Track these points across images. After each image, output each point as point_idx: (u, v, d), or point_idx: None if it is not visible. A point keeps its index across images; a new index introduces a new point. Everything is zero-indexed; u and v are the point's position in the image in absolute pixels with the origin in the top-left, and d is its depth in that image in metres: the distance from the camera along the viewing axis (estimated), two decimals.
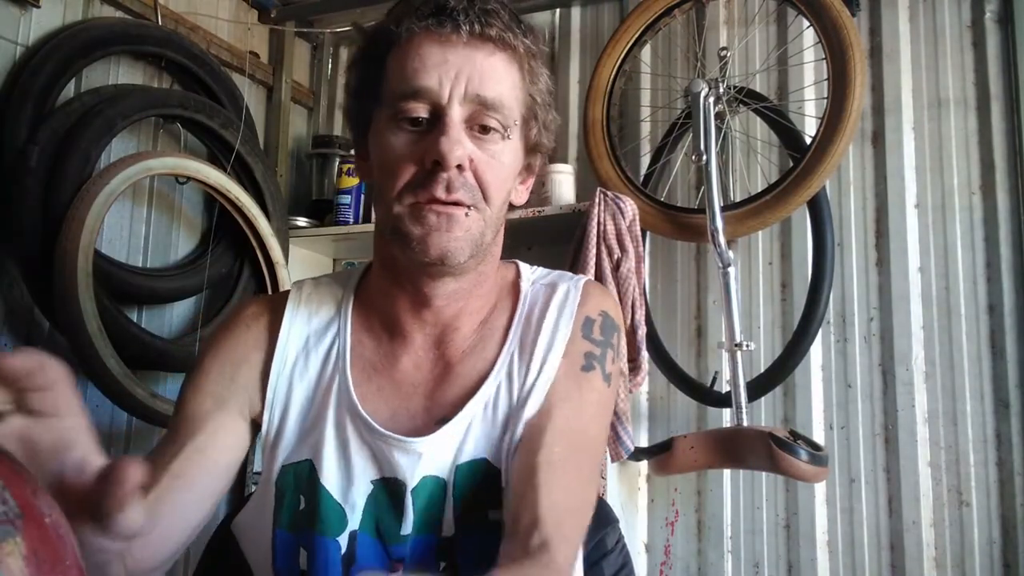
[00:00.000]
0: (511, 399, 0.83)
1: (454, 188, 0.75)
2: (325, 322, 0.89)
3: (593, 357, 0.85)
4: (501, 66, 0.78)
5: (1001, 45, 1.77)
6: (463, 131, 0.76)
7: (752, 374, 1.80)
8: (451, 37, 0.76)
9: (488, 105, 0.76)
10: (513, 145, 0.81)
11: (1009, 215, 1.72)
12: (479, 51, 0.76)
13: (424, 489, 0.80)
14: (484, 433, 0.82)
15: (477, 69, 0.76)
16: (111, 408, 1.68)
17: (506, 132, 0.79)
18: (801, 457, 1.51)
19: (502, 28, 0.77)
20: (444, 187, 0.75)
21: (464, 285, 0.84)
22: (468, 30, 0.75)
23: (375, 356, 0.87)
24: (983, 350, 1.71)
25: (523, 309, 0.89)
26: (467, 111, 0.76)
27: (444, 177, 0.75)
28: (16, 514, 0.37)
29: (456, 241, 0.76)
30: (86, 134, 1.58)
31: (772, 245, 1.93)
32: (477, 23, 0.75)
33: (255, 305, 0.92)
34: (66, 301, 1.49)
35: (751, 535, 1.84)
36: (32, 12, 1.60)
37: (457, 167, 0.75)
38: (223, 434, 0.83)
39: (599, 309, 0.89)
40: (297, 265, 2.13)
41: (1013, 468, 1.65)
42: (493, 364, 0.85)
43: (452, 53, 0.76)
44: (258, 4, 2.26)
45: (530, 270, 0.94)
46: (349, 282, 0.93)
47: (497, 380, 0.84)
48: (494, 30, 0.76)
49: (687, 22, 2.03)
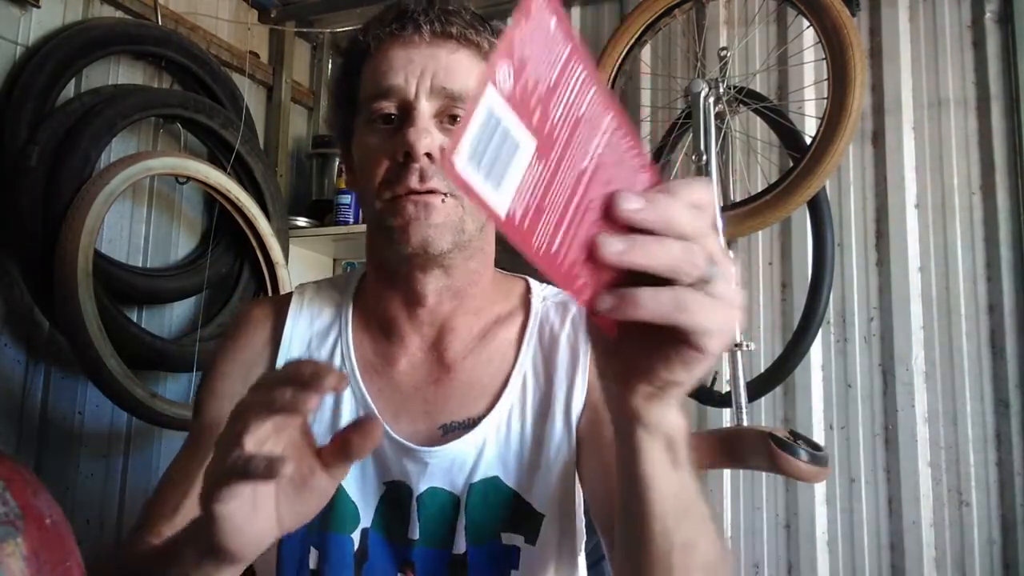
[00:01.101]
0: (527, 421, 0.84)
1: (427, 177, 0.77)
2: (327, 325, 0.91)
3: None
4: (466, 61, 0.79)
5: (1001, 45, 1.77)
6: (432, 123, 0.78)
7: (752, 374, 1.80)
8: (414, 38, 0.79)
9: (455, 97, 0.78)
10: None
11: (1009, 215, 1.72)
12: (442, 48, 0.79)
13: (433, 501, 0.81)
14: (498, 453, 0.83)
15: (442, 65, 0.78)
16: (111, 408, 1.68)
17: None
18: (801, 457, 1.51)
19: (463, 26, 0.79)
20: (418, 177, 0.77)
21: (455, 282, 0.84)
22: (430, 30, 0.78)
23: (375, 358, 0.88)
24: (983, 350, 1.71)
25: (534, 325, 0.90)
26: (435, 105, 0.78)
27: (416, 168, 0.76)
28: (17, 515, 0.37)
29: (436, 228, 0.77)
30: (86, 134, 1.58)
31: (772, 245, 1.93)
32: (438, 22, 0.78)
33: (260, 307, 0.94)
34: (66, 301, 1.49)
35: (751, 535, 1.84)
36: (32, 12, 1.60)
37: (428, 156, 0.77)
38: None
39: None
40: (297, 265, 2.13)
41: (1013, 468, 1.65)
42: (505, 382, 0.86)
43: (416, 53, 0.78)
44: (258, 4, 2.26)
45: (540, 286, 0.95)
46: (348, 286, 0.94)
47: (511, 399, 0.85)
48: (455, 28, 0.79)
49: (687, 22, 2.03)
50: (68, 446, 1.64)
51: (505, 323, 0.90)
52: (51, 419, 1.61)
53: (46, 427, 1.60)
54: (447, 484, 0.82)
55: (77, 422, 1.66)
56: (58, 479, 1.60)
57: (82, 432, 1.67)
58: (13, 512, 0.38)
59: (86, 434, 1.68)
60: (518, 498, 0.82)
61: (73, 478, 1.64)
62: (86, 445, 1.67)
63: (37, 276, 1.53)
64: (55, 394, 1.62)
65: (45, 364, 1.61)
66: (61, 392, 1.63)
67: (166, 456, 1.85)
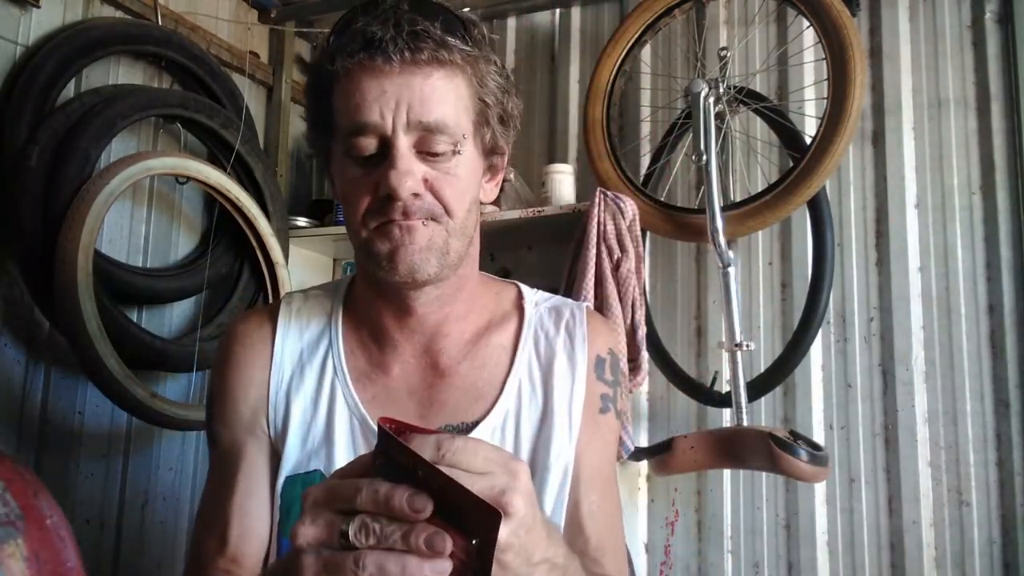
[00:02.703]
0: (523, 427, 0.85)
1: (411, 213, 0.77)
2: (316, 335, 0.91)
3: (608, 399, 0.90)
4: (441, 84, 0.77)
5: (1001, 45, 1.77)
6: (413, 157, 0.77)
7: (752, 374, 1.80)
8: (384, 68, 0.75)
9: (432, 129, 0.76)
10: (468, 156, 0.80)
11: (1009, 215, 1.72)
12: (415, 76, 0.76)
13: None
14: None
15: (416, 95, 0.75)
16: (111, 408, 1.68)
17: (456, 148, 0.78)
18: (801, 457, 1.51)
19: (434, 47, 0.75)
20: (401, 213, 0.77)
21: (446, 291, 0.85)
22: (400, 59, 0.74)
23: (367, 366, 0.89)
24: (983, 350, 1.71)
25: (529, 330, 0.90)
26: (413, 138, 0.76)
27: (399, 205, 0.76)
28: (17, 515, 0.37)
29: (421, 253, 0.78)
30: (86, 134, 1.58)
31: (772, 245, 1.93)
32: (407, 50, 0.74)
33: (245, 323, 0.94)
34: (66, 301, 1.49)
35: (751, 535, 1.84)
36: (32, 12, 1.60)
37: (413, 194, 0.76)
38: (261, 457, 0.88)
39: (607, 347, 0.92)
40: (297, 265, 2.13)
41: (1013, 468, 1.65)
42: (502, 386, 0.87)
43: (389, 83, 0.75)
44: (258, 4, 2.26)
45: (531, 292, 0.96)
46: (337, 294, 0.94)
47: (506, 405, 0.86)
48: (425, 52, 0.75)
49: (687, 22, 2.03)
50: (68, 446, 1.64)
51: (498, 328, 0.91)
52: (51, 419, 1.61)
53: (46, 427, 1.60)
54: None
55: (77, 422, 1.66)
56: (58, 479, 1.60)
57: (82, 432, 1.67)
58: (14, 513, 0.38)
59: (86, 434, 1.68)
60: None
61: (73, 478, 1.64)
62: (86, 445, 1.67)
63: (37, 276, 1.52)
64: (55, 394, 1.62)
65: (45, 364, 1.61)
66: (61, 392, 1.63)
67: (166, 456, 1.85)
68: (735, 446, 1.64)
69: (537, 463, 0.84)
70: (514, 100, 0.86)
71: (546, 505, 0.83)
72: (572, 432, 0.85)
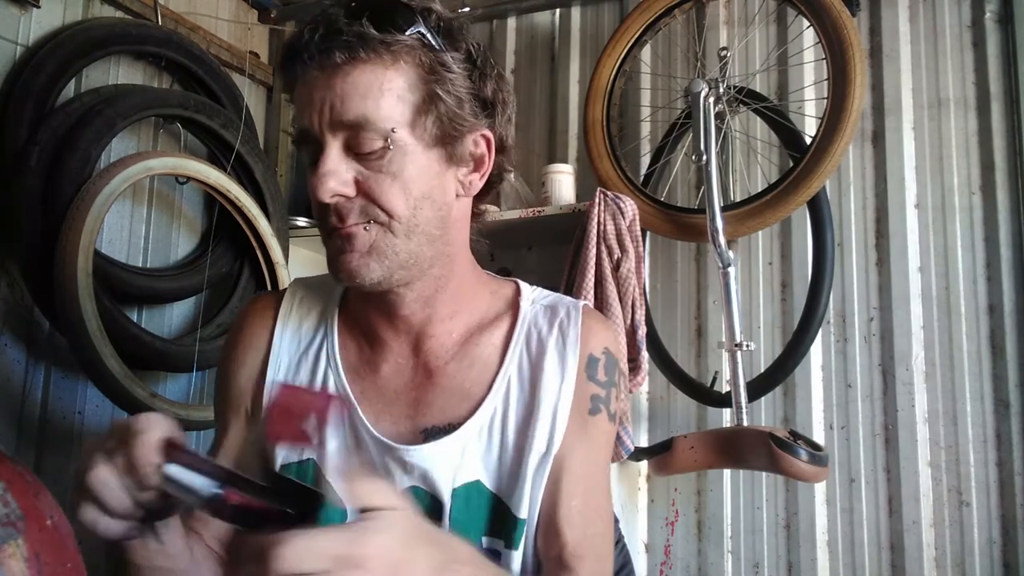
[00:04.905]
0: (509, 426, 0.85)
1: (345, 217, 0.77)
2: (313, 328, 0.93)
3: (599, 400, 0.88)
4: (364, 80, 0.75)
5: (1001, 45, 1.77)
6: (341, 159, 0.76)
7: (752, 374, 1.81)
8: (313, 74, 0.75)
9: (353, 126, 0.75)
10: (405, 149, 0.77)
11: (1009, 215, 1.72)
12: (335, 76, 0.75)
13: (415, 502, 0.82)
14: (480, 456, 0.84)
15: (336, 95, 0.75)
16: (111, 408, 1.68)
17: (387, 142, 0.76)
18: (801, 457, 1.52)
19: (347, 46, 0.73)
20: (336, 217, 0.77)
21: (425, 292, 0.85)
22: (318, 63, 0.74)
23: (358, 362, 0.90)
24: (983, 350, 1.71)
25: (522, 329, 0.90)
26: (341, 138, 0.76)
27: (331, 210, 0.77)
28: (18, 516, 0.37)
29: (361, 259, 0.78)
30: (86, 134, 1.58)
31: (772, 245, 1.93)
32: (319, 54, 0.74)
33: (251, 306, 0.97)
34: (66, 301, 1.49)
35: (751, 535, 1.84)
36: (32, 12, 1.60)
37: (344, 196, 0.76)
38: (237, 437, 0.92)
39: (602, 347, 0.90)
40: (297, 265, 2.13)
41: (1013, 468, 1.65)
42: (489, 386, 0.86)
43: (315, 88, 0.76)
44: (258, 4, 2.26)
45: (530, 289, 0.95)
46: (335, 289, 0.96)
47: (494, 404, 0.85)
48: (338, 54, 0.73)
49: (687, 22, 2.03)
50: (68, 446, 1.64)
51: (491, 327, 0.90)
52: (51, 419, 1.61)
53: (46, 427, 1.60)
54: (429, 486, 0.83)
55: (77, 422, 1.66)
56: (58, 479, 1.60)
57: (82, 432, 1.67)
58: (14, 513, 0.38)
59: (86, 434, 1.68)
60: (499, 502, 0.83)
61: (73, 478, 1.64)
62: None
63: (37, 276, 1.53)
64: (55, 394, 1.62)
65: (45, 364, 1.61)
66: (61, 392, 1.63)
67: None
68: (735, 446, 1.64)
69: (520, 465, 0.83)
70: (495, 83, 0.83)
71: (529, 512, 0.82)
72: (556, 433, 0.84)
